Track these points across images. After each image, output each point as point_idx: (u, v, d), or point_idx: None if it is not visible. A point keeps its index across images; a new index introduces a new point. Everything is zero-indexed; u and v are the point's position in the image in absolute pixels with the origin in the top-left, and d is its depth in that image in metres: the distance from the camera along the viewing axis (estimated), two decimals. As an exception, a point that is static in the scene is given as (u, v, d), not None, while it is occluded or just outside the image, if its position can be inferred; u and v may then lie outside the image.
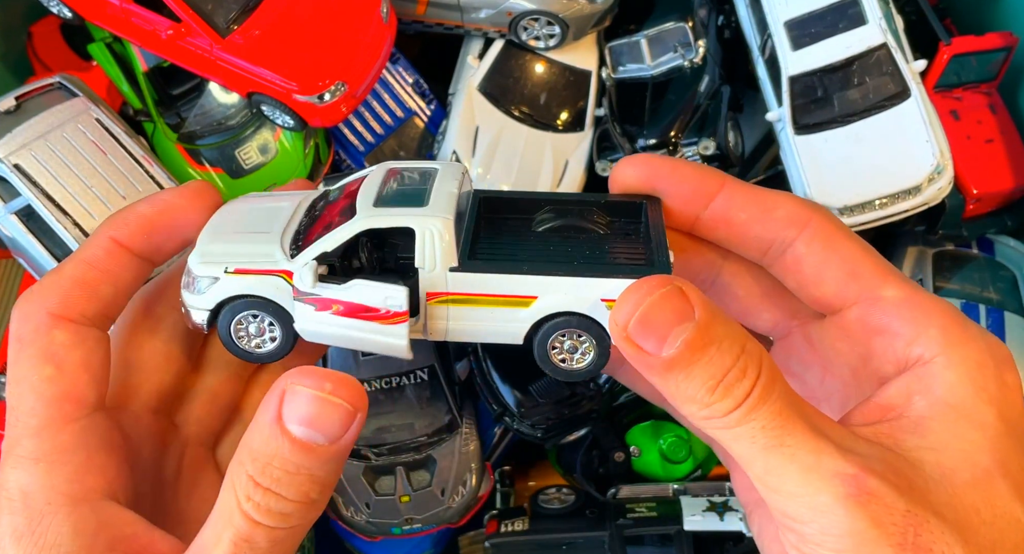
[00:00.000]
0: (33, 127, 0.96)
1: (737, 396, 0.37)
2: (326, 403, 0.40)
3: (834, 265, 0.44)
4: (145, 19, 0.59)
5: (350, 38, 0.54)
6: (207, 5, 0.55)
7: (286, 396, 0.40)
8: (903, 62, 0.99)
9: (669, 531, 1.02)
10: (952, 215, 1.03)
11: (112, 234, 0.45)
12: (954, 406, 0.38)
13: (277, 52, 0.54)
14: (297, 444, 0.39)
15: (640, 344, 0.37)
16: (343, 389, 0.41)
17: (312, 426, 0.40)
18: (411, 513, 1.07)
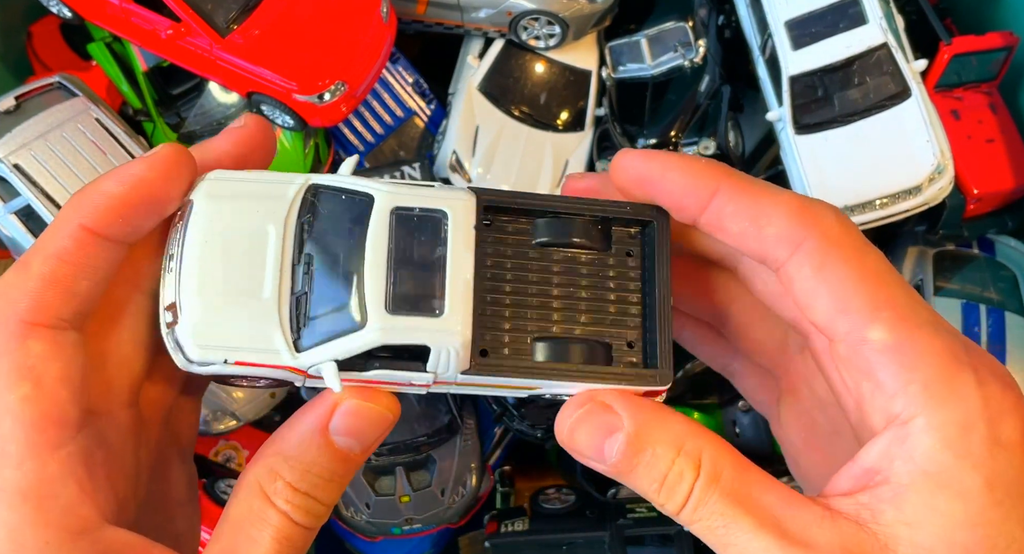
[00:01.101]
0: (33, 127, 0.95)
1: (679, 497, 0.38)
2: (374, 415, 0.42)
3: (823, 294, 0.40)
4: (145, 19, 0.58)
5: (350, 38, 0.53)
6: (207, 5, 0.54)
7: (339, 409, 0.41)
8: (904, 62, 0.99)
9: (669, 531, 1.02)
10: (953, 215, 1.03)
11: (81, 220, 0.40)
12: (933, 475, 0.35)
13: (277, 52, 0.53)
14: (338, 453, 0.41)
15: (586, 457, 0.41)
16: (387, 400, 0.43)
17: (357, 437, 0.41)
18: (411, 513, 1.07)
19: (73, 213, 0.40)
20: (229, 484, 1.06)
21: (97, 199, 0.40)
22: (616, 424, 0.40)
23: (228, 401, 1.01)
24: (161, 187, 0.41)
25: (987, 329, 1.02)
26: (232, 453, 1.14)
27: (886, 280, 0.40)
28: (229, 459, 1.14)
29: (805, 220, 0.41)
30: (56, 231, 0.40)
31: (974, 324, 1.03)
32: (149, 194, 0.40)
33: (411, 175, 1.12)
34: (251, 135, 0.44)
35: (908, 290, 0.41)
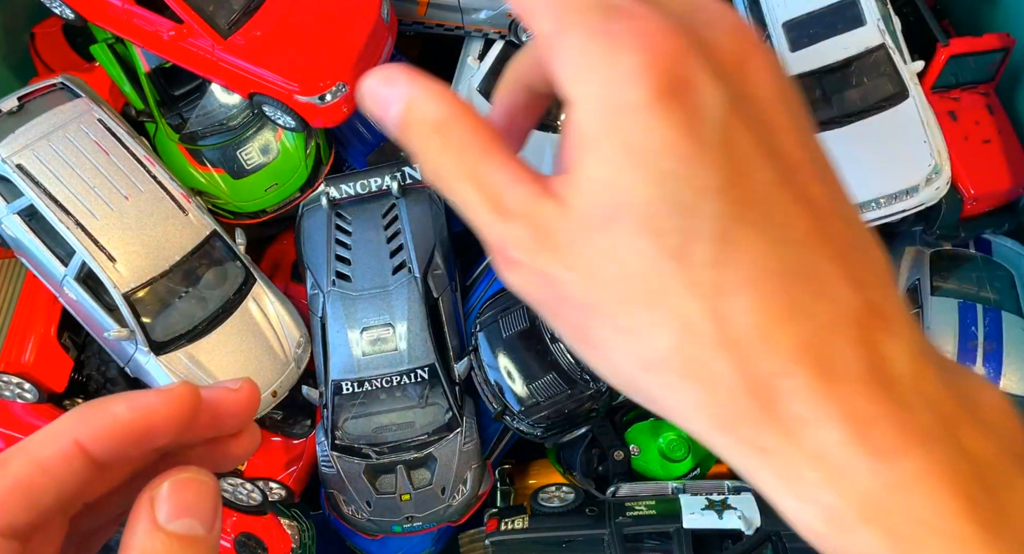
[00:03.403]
0: (36, 128, 0.96)
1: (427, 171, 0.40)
2: (196, 485, 0.39)
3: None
4: (147, 20, 0.59)
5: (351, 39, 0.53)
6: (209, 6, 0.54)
7: (156, 498, 0.38)
8: (901, 63, 1.00)
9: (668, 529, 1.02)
10: (949, 215, 1.04)
11: (78, 435, 0.39)
12: (581, 138, 0.36)
13: (278, 53, 0.53)
14: (179, 540, 0.38)
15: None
16: (205, 472, 0.40)
17: (191, 514, 0.38)
18: (412, 511, 1.07)
19: (73, 426, 0.40)
20: (231, 482, 1.06)
21: (104, 419, 0.40)
22: (393, 96, 0.40)
23: (230, 400, 1.02)
24: (162, 423, 0.40)
25: (984, 328, 1.03)
26: (234, 452, 1.15)
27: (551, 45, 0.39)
28: (231, 458, 1.14)
29: None
30: (49, 438, 0.40)
31: (971, 323, 1.03)
32: (153, 426, 0.40)
33: (412, 175, 1.12)
34: (241, 401, 0.42)
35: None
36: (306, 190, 1.12)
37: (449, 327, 1.11)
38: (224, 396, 0.42)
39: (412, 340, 1.06)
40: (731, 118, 0.35)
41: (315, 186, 1.13)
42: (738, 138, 0.35)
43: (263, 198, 1.10)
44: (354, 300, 1.07)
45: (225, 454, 0.44)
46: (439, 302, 1.09)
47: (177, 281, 1.00)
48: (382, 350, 1.07)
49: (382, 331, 1.07)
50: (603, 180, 0.36)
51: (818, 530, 0.34)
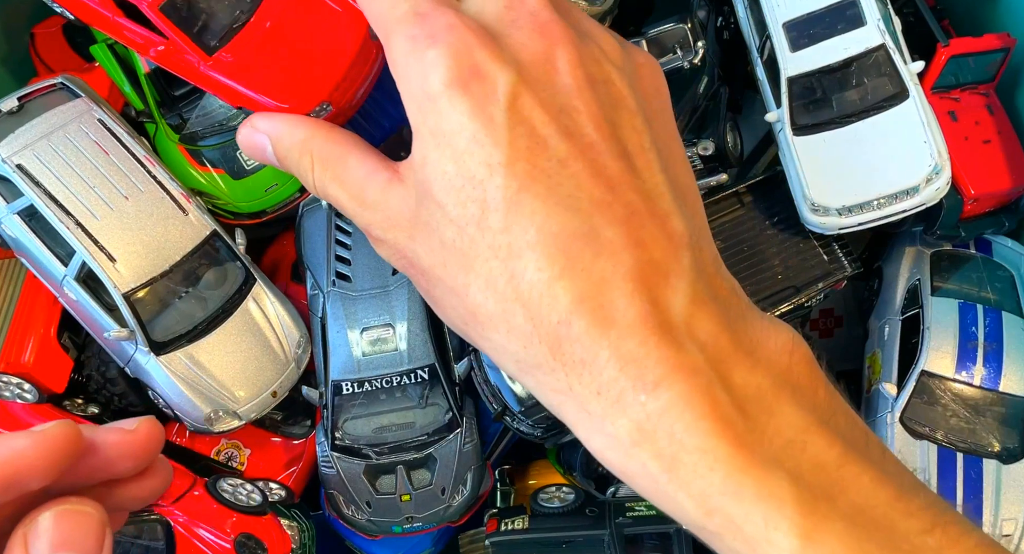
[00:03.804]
0: (36, 128, 0.96)
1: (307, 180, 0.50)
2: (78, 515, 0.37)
3: None
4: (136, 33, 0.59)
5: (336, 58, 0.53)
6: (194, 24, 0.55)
7: (29, 535, 0.36)
8: (901, 63, 1.00)
9: (668, 530, 1.02)
10: (950, 215, 1.04)
11: None
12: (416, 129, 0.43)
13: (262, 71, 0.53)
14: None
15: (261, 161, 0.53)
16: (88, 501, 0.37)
17: (70, 547, 0.36)
18: (412, 512, 1.07)
19: None
20: (231, 483, 1.06)
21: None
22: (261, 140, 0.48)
23: (230, 401, 1.01)
24: (31, 463, 0.38)
25: (984, 329, 1.03)
26: (234, 452, 1.15)
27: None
28: (231, 458, 1.14)
29: None
30: None
31: (971, 324, 1.03)
32: (19, 471, 0.38)
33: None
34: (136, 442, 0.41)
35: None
36: (306, 190, 1.12)
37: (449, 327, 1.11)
38: (117, 438, 0.40)
39: (412, 340, 1.06)
40: (523, 102, 0.40)
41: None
42: (531, 119, 0.40)
43: (263, 198, 1.10)
44: (354, 300, 1.07)
45: (127, 496, 0.42)
46: (439, 302, 1.09)
47: (177, 281, 1.00)
48: (382, 350, 1.06)
49: (382, 331, 1.07)
50: (421, 161, 0.41)
51: (606, 457, 0.38)
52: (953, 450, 0.99)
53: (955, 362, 1.01)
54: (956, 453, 0.98)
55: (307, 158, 0.46)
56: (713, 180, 1.10)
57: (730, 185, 1.11)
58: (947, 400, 1.00)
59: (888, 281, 1.15)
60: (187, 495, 1.04)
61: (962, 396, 1.00)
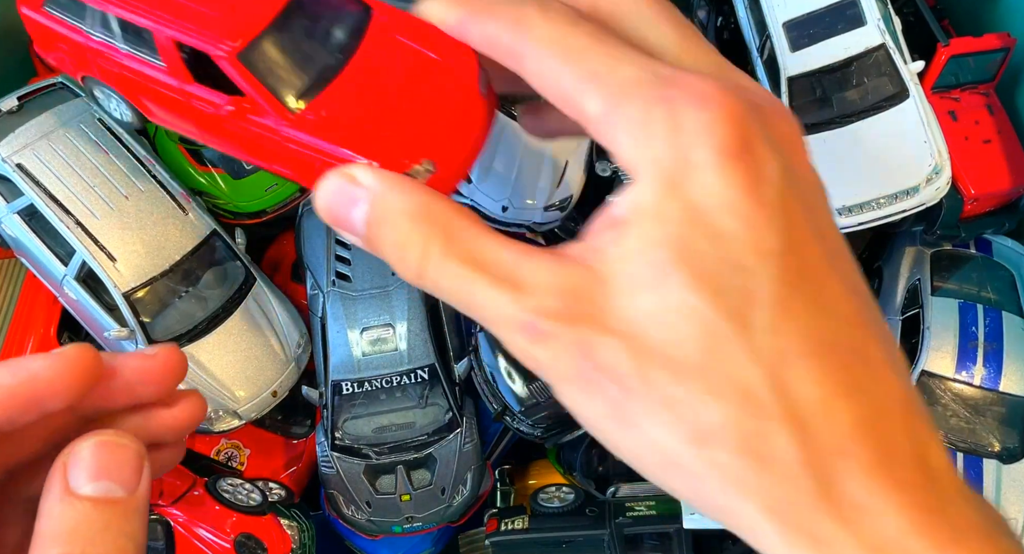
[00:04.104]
0: (36, 127, 0.96)
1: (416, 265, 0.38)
2: (114, 446, 0.37)
3: (553, 98, 0.39)
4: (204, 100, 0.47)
5: (441, 111, 0.45)
6: (276, 76, 0.45)
7: (68, 463, 0.37)
8: (901, 63, 1.00)
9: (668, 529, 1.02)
10: (950, 215, 1.04)
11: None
12: (640, 205, 0.35)
13: (355, 128, 0.43)
14: (97, 501, 0.36)
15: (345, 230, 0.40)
16: (126, 434, 0.38)
17: (108, 476, 0.36)
18: (412, 511, 1.07)
19: None
20: (231, 483, 1.06)
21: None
22: (359, 196, 0.39)
23: (230, 400, 1.01)
24: (50, 385, 0.39)
25: (984, 329, 1.03)
26: (234, 452, 1.15)
27: (585, 53, 0.39)
28: (231, 458, 1.14)
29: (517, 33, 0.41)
30: None
31: (971, 324, 1.03)
32: (35, 389, 0.39)
33: (412, 175, 1.12)
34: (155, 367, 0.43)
35: (613, 46, 0.39)
36: (306, 190, 1.12)
37: (449, 327, 1.11)
38: (136, 362, 0.42)
39: (412, 340, 1.06)
40: (787, 188, 0.34)
41: (315, 186, 1.12)
42: (793, 209, 0.34)
43: (263, 198, 1.10)
44: (354, 300, 1.07)
45: (161, 425, 0.43)
46: (439, 302, 1.09)
47: (177, 281, 1.00)
48: (382, 350, 1.06)
49: (382, 331, 1.07)
50: (658, 238, 0.34)
51: None
52: (953, 450, 0.99)
53: (955, 362, 1.01)
54: (956, 453, 0.98)
55: (424, 227, 0.37)
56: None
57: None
58: (947, 400, 1.00)
59: (888, 281, 1.15)
60: (187, 495, 1.04)
61: (962, 396, 1.00)
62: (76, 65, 0.54)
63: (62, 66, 0.54)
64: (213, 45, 0.43)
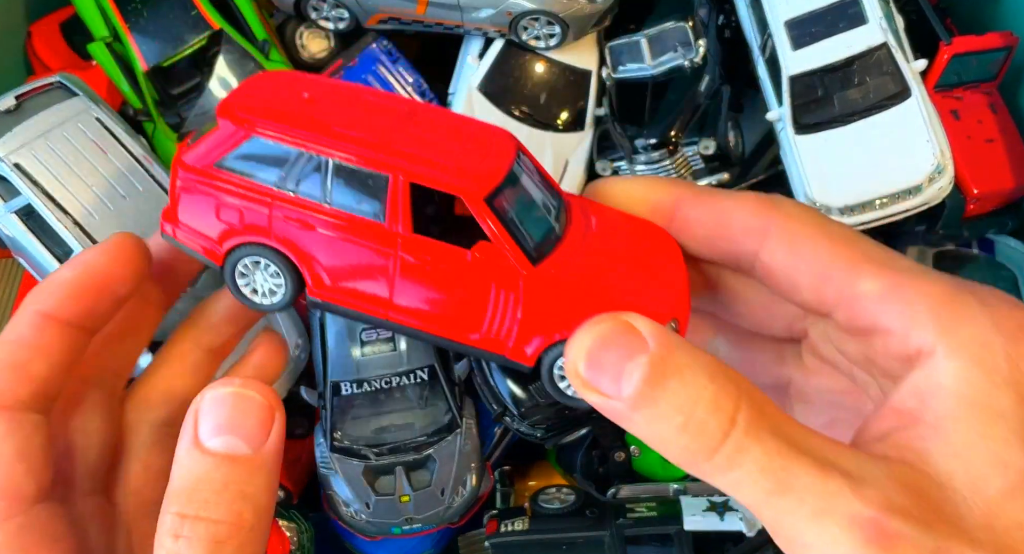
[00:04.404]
0: (33, 126, 0.95)
1: (714, 434, 0.32)
2: (240, 399, 0.37)
3: (803, 271, 0.40)
4: (425, 251, 0.42)
5: (663, 275, 0.44)
6: (516, 227, 0.41)
7: (198, 412, 0.37)
8: (903, 62, 0.99)
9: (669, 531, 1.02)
10: (952, 215, 1.03)
11: (36, 307, 0.42)
12: (969, 398, 0.33)
13: (603, 285, 0.41)
14: (219, 458, 0.36)
15: (597, 387, 0.35)
16: (254, 384, 0.38)
17: (232, 431, 0.37)
18: (411, 513, 1.07)
19: (30, 301, 0.42)
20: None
21: (51, 286, 0.42)
22: (640, 345, 0.34)
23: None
24: (110, 270, 0.42)
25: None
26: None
27: (856, 240, 0.40)
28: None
29: (765, 208, 0.42)
30: (16, 319, 0.42)
31: (974, 324, 1.03)
32: (98, 277, 0.42)
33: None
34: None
35: (881, 246, 0.40)
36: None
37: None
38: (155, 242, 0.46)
39: (411, 341, 1.06)
40: None
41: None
42: None
43: (262, 197, 1.10)
44: (353, 300, 1.07)
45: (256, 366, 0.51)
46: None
47: (175, 281, 1.00)
48: (381, 351, 1.06)
49: (381, 332, 1.06)
50: (1001, 436, 0.32)
51: None
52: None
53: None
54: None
55: (731, 389, 0.33)
56: (715, 179, 1.09)
57: (732, 184, 1.10)
58: (950, 401, 1.00)
59: (890, 281, 1.14)
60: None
61: (965, 397, 1.00)
62: (234, 234, 0.44)
63: (195, 241, 0.44)
64: (462, 187, 0.40)
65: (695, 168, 1.11)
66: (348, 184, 0.41)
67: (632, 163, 1.11)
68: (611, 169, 1.14)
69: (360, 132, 0.41)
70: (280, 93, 0.43)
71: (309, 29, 1.19)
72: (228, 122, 0.41)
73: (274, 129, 0.40)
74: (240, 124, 0.41)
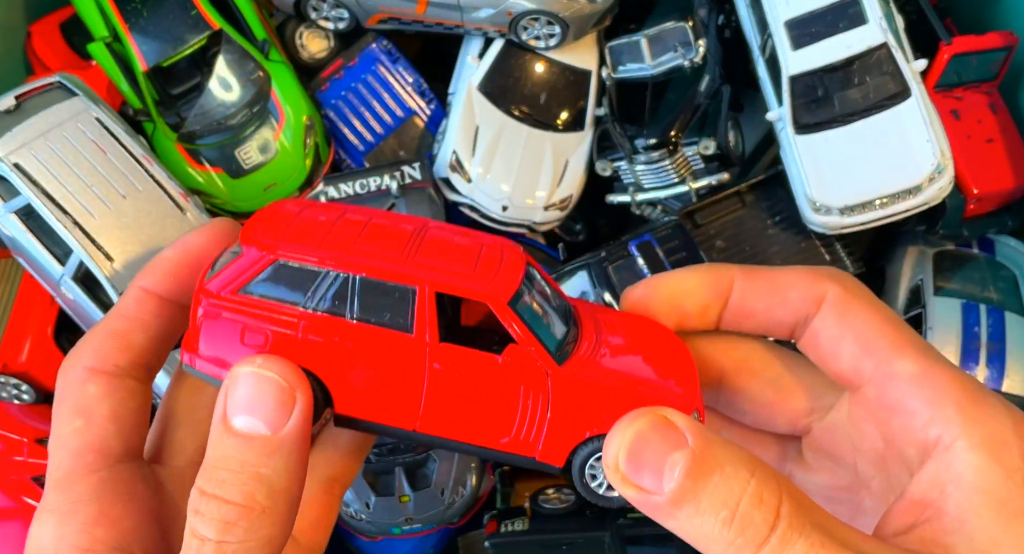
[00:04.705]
0: (33, 126, 0.95)
1: (760, 527, 0.33)
2: (258, 379, 0.38)
3: (848, 339, 0.42)
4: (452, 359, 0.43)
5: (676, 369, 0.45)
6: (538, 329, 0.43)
7: (228, 388, 0.38)
8: (903, 62, 0.99)
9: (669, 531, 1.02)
10: (953, 215, 1.03)
11: (141, 283, 0.45)
12: (991, 493, 0.36)
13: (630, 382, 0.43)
14: (240, 438, 0.37)
15: (637, 483, 0.35)
16: (274, 364, 0.39)
17: (251, 411, 0.38)
18: (411, 513, 1.07)
19: (138, 278, 0.45)
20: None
21: (155, 264, 0.45)
22: (679, 440, 0.35)
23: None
24: (207, 250, 0.45)
25: (987, 329, 1.02)
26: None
27: (901, 325, 0.43)
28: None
29: (823, 279, 0.44)
30: (125, 294, 0.45)
31: (974, 324, 1.03)
32: (196, 257, 0.45)
33: (411, 175, 1.12)
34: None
35: (918, 334, 0.43)
36: (305, 189, 1.12)
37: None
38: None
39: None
40: None
41: (314, 185, 1.12)
42: None
43: (261, 197, 1.10)
44: (353, 300, 1.07)
45: None
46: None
47: (175, 281, 1.00)
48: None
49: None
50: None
51: None
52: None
53: (958, 362, 1.00)
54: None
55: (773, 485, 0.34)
56: (715, 179, 1.09)
57: (732, 184, 1.10)
58: (950, 401, 1.00)
59: (890, 281, 1.14)
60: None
61: (965, 397, 0.99)
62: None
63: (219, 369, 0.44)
64: (487, 292, 0.42)
65: (695, 168, 1.11)
66: (374, 299, 0.42)
67: (632, 163, 1.11)
68: (611, 169, 1.13)
69: (380, 249, 0.42)
70: (297, 219, 0.44)
71: (309, 29, 1.19)
72: (254, 249, 0.42)
73: (301, 252, 0.42)
74: (266, 249, 0.42)
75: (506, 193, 1.11)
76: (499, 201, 1.11)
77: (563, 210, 1.14)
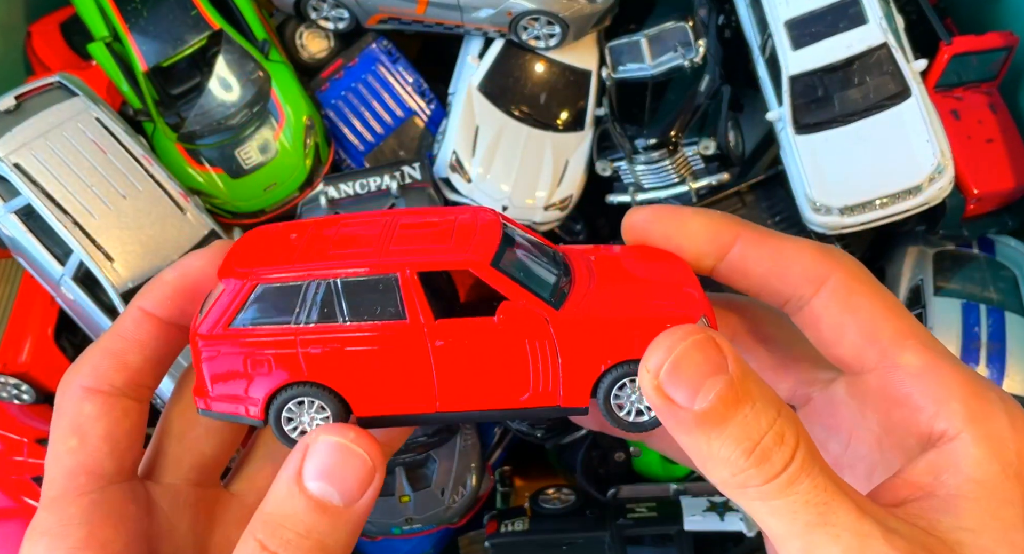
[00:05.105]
0: (33, 126, 0.95)
1: (776, 463, 0.35)
2: (346, 451, 0.39)
3: (852, 326, 0.42)
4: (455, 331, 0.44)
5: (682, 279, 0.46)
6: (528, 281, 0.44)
7: (308, 449, 0.39)
8: (903, 62, 0.99)
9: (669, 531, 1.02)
10: (953, 215, 1.03)
11: (140, 304, 0.45)
12: (984, 484, 0.37)
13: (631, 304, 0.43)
14: (312, 502, 0.38)
15: (671, 394, 0.36)
16: (364, 441, 0.39)
17: (330, 480, 0.38)
18: (411, 513, 1.07)
19: (137, 298, 0.46)
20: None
21: (155, 285, 0.46)
22: (721, 364, 0.35)
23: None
24: (205, 273, 0.45)
25: (987, 329, 1.02)
26: (232, 453, 1.14)
27: (905, 313, 0.43)
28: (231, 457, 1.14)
29: (828, 260, 0.43)
30: (124, 313, 0.46)
31: (974, 324, 1.03)
32: (195, 280, 0.45)
33: (411, 175, 1.12)
34: None
35: (921, 323, 0.43)
36: (305, 189, 1.12)
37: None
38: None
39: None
40: None
41: (314, 185, 1.12)
42: None
43: (261, 197, 1.10)
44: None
45: None
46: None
47: (175, 281, 1.00)
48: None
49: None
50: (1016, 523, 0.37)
51: None
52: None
53: (958, 362, 1.00)
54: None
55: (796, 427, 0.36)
56: (715, 179, 1.09)
57: (732, 184, 1.10)
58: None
59: (890, 281, 1.14)
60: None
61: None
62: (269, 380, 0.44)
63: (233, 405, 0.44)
64: (467, 259, 0.43)
65: (695, 168, 1.11)
66: (361, 296, 0.43)
67: (632, 163, 1.11)
68: (611, 169, 1.13)
69: (355, 248, 0.44)
70: (268, 244, 0.46)
71: (309, 29, 1.19)
72: (231, 280, 0.43)
73: (277, 271, 0.43)
74: (243, 277, 0.43)
75: (506, 193, 1.11)
76: (499, 201, 1.11)
77: (563, 210, 1.14)
